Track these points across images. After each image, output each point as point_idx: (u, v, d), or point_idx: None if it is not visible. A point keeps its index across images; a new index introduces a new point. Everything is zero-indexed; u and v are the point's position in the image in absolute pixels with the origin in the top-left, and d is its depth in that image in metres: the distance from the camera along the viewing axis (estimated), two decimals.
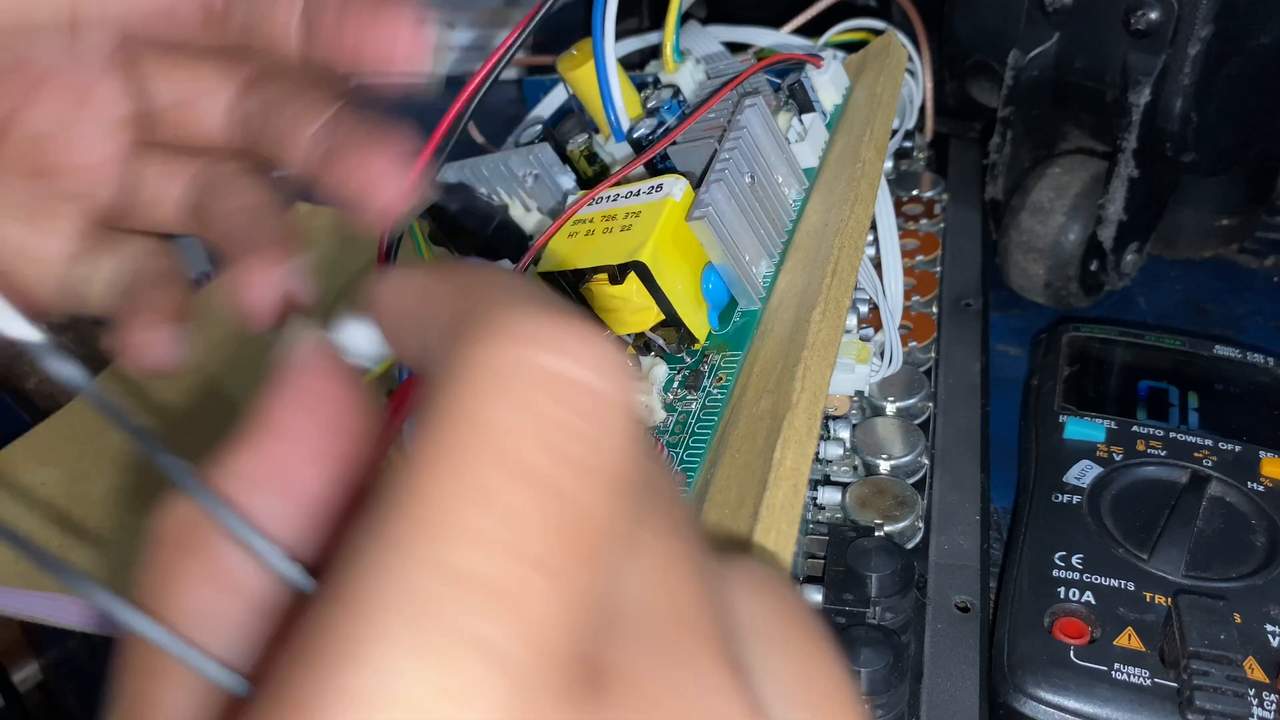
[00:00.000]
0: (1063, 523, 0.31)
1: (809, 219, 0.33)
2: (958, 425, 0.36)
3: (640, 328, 0.31)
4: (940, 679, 0.28)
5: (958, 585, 0.30)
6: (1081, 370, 0.38)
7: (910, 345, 0.38)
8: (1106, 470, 0.33)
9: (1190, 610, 0.28)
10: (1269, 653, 0.27)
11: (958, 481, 0.33)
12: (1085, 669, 0.27)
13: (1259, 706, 0.26)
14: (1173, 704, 0.26)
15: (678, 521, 0.14)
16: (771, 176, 0.33)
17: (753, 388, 0.28)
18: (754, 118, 0.32)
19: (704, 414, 0.29)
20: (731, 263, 0.30)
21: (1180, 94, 0.38)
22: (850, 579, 0.29)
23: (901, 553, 0.30)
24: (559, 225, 0.32)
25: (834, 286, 0.29)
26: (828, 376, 0.27)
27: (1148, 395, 0.36)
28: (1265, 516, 0.31)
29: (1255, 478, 0.32)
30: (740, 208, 0.31)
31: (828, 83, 0.37)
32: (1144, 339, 0.39)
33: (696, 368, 0.31)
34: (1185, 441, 0.34)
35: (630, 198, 0.31)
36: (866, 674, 0.27)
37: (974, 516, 0.32)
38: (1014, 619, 0.29)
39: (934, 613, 0.30)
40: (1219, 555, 0.30)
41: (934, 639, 0.29)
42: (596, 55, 0.35)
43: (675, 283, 0.30)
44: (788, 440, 0.25)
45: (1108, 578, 0.29)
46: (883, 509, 0.32)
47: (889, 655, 0.27)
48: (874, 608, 0.29)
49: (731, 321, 0.32)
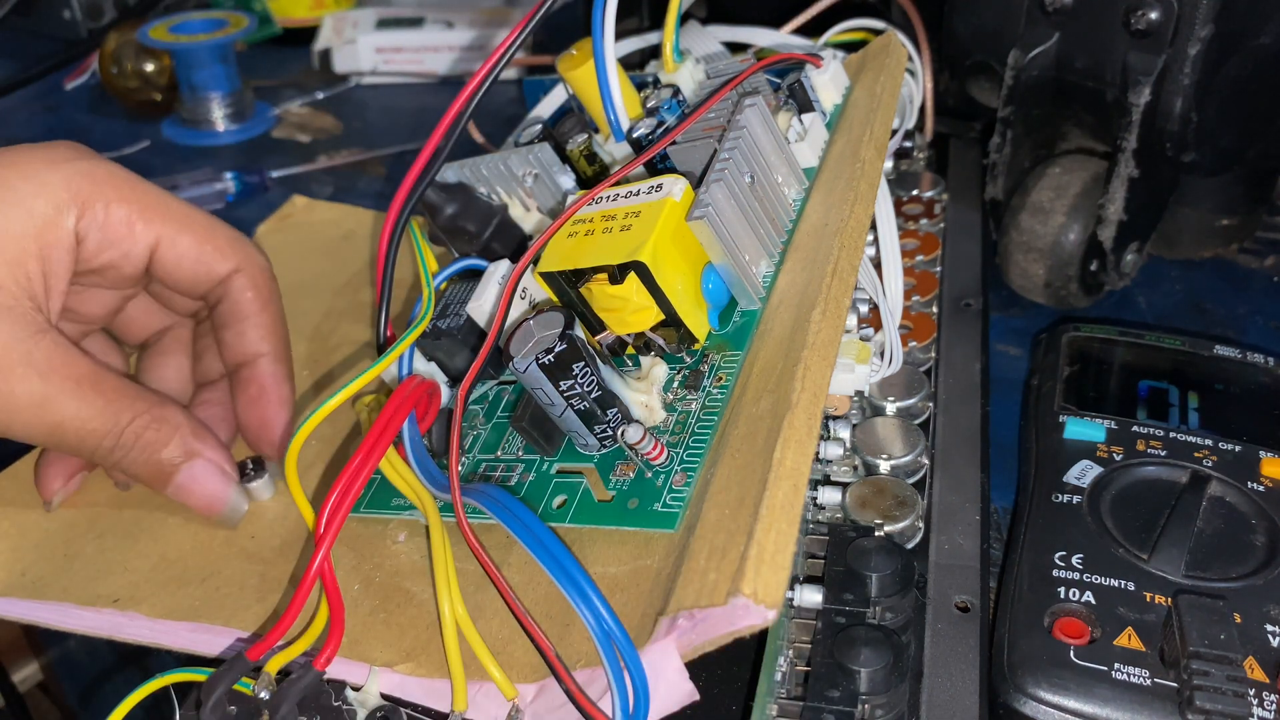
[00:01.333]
0: (1063, 523, 0.31)
1: (809, 219, 0.33)
2: (958, 425, 0.36)
3: (640, 327, 0.31)
4: (940, 679, 0.28)
5: (958, 585, 0.30)
6: (1081, 370, 0.38)
7: (910, 345, 0.38)
8: (1107, 470, 0.33)
9: (1190, 610, 0.27)
10: (1269, 653, 0.27)
11: (958, 482, 0.33)
12: (1085, 669, 0.27)
13: (1259, 706, 0.26)
14: (1173, 704, 0.26)
15: None
16: (771, 176, 0.33)
17: (752, 388, 0.28)
18: (754, 117, 0.32)
19: (704, 414, 0.29)
20: (731, 263, 0.30)
21: (1180, 94, 0.38)
22: (850, 579, 0.29)
23: (901, 553, 0.30)
24: (559, 225, 0.32)
25: (834, 286, 0.29)
26: (828, 376, 0.27)
27: (1148, 395, 0.36)
28: (1265, 516, 0.31)
29: (1255, 478, 0.32)
30: (740, 207, 0.31)
31: (828, 82, 0.37)
32: (1144, 339, 0.39)
33: (696, 367, 0.31)
34: (1185, 441, 0.34)
35: (630, 198, 0.31)
36: (866, 674, 0.27)
37: (974, 517, 0.32)
38: (1014, 619, 0.29)
39: (934, 613, 0.30)
40: (1219, 555, 0.30)
41: (934, 639, 0.29)
42: (596, 55, 0.35)
43: (675, 282, 0.30)
44: (788, 440, 0.25)
45: (1108, 578, 0.29)
46: (883, 509, 0.32)
47: (889, 655, 0.27)
48: (874, 608, 0.29)
49: (731, 321, 0.32)
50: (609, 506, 0.29)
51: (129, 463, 0.31)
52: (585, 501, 0.29)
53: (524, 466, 0.31)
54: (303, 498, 0.29)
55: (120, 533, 0.34)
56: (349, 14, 0.74)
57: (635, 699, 0.23)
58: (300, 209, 0.54)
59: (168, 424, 0.32)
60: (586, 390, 0.28)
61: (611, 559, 0.28)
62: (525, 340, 0.29)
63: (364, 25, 0.72)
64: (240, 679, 0.26)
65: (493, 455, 0.32)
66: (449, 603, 0.26)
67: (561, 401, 0.29)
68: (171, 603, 0.31)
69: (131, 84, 0.67)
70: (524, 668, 0.26)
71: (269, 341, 0.34)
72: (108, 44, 0.67)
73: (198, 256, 0.33)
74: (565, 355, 0.28)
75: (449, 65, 0.69)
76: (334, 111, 0.68)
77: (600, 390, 0.29)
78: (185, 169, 0.59)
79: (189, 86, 0.65)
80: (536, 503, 0.30)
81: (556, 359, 0.28)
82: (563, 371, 0.28)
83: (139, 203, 0.32)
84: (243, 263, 0.34)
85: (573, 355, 0.28)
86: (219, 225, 0.34)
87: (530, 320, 0.29)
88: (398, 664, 0.27)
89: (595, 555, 0.28)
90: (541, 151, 0.37)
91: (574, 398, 0.29)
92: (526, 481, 0.31)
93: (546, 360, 0.28)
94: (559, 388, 0.28)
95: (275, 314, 0.35)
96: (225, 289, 0.34)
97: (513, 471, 0.31)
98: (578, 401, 0.29)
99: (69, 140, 0.32)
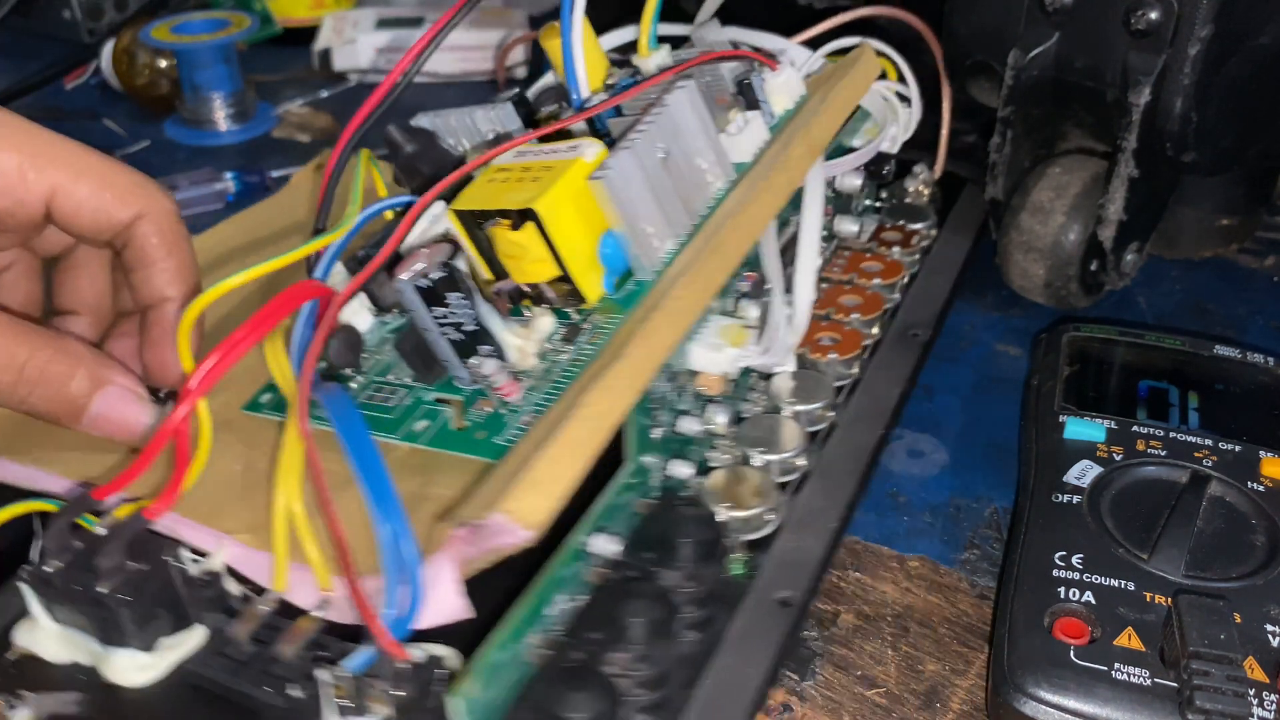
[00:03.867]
0: (1063, 522, 0.31)
1: (724, 207, 0.34)
2: (852, 440, 0.35)
3: (537, 278, 0.31)
4: (731, 658, 0.28)
5: (788, 581, 0.30)
6: (1081, 370, 0.38)
7: (831, 357, 0.38)
8: (1106, 470, 0.33)
9: (1190, 610, 0.27)
10: (1269, 653, 0.27)
11: (829, 490, 0.33)
12: (1085, 669, 0.27)
13: (1259, 706, 0.26)
14: (1173, 704, 0.26)
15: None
16: (692, 160, 0.33)
17: (612, 347, 0.29)
18: (681, 98, 0.32)
19: (571, 365, 0.30)
20: (629, 230, 0.31)
21: (1180, 94, 0.38)
22: (657, 542, 0.29)
23: (712, 526, 0.30)
24: (470, 166, 0.33)
25: (710, 260, 0.30)
26: (671, 342, 0.29)
27: (1148, 395, 0.36)
28: (1265, 516, 0.31)
29: (1255, 478, 0.32)
30: (647, 179, 0.31)
31: (781, 86, 0.37)
32: (1144, 339, 0.39)
33: (579, 325, 0.32)
34: (1185, 441, 0.34)
35: (550, 154, 0.32)
36: (632, 625, 0.27)
37: (832, 524, 0.32)
38: (1014, 619, 0.29)
39: (754, 600, 0.30)
40: (1219, 555, 0.30)
41: (743, 621, 0.29)
42: (563, 27, 0.36)
43: (571, 239, 0.31)
44: (605, 386, 0.26)
45: (1108, 577, 0.29)
46: (735, 495, 0.32)
47: (657, 613, 0.27)
48: (672, 572, 0.29)
49: (625, 290, 0.32)
50: (460, 435, 0.30)
51: (36, 399, 0.31)
52: (443, 429, 0.31)
53: (407, 392, 0.33)
54: (191, 364, 0.29)
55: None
56: (349, 14, 0.74)
57: (410, 605, 0.24)
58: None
59: (69, 355, 0.31)
60: (461, 322, 0.30)
61: (448, 483, 0.29)
62: (412, 264, 0.30)
63: (364, 25, 0.72)
64: (84, 515, 0.27)
65: (385, 378, 0.33)
66: (284, 494, 0.27)
67: (435, 327, 0.30)
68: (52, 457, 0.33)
69: (142, 80, 0.67)
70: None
71: (175, 286, 0.34)
72: (121, 39, 0.67)
73: (97, 205, 0.32)
74: (443, 282, 0.30)
75: (449, 65, 0.69)
76: (334, 111, 0.68)
77: (476, 325, 0.30)
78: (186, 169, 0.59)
79: (191, 86, 0.65)
80: (406, 423, 0.32)
81: (434, 284, 0.29)
82: (437, 299, 0.30)
83: (29, 149, 0.31)
84: (146, 208, 0.33)
85: (450, 285, 0.30)
86: (120, 170, 0.33)
87: (425, 248, 0.31)
88: (239, 533, 0.29)
89: (437, 478, 0.30)
90: (504, 110, 0.38)
91: (448, 327, 0.30)
92: (404, 404, 0.32)
93: (423, 283, 0.30)
94: (434, 313, 0.30)
95: (182, 258, 0.34)
96: (129, 235, 0.33)
97: (395, 394, 0.33)
98: (451, 331, 0.30)
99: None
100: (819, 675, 0.30)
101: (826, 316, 0.40)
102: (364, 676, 0.24)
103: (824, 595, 0.33)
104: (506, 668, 0.25)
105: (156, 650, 0.27)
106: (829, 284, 0.41)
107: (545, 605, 0.27)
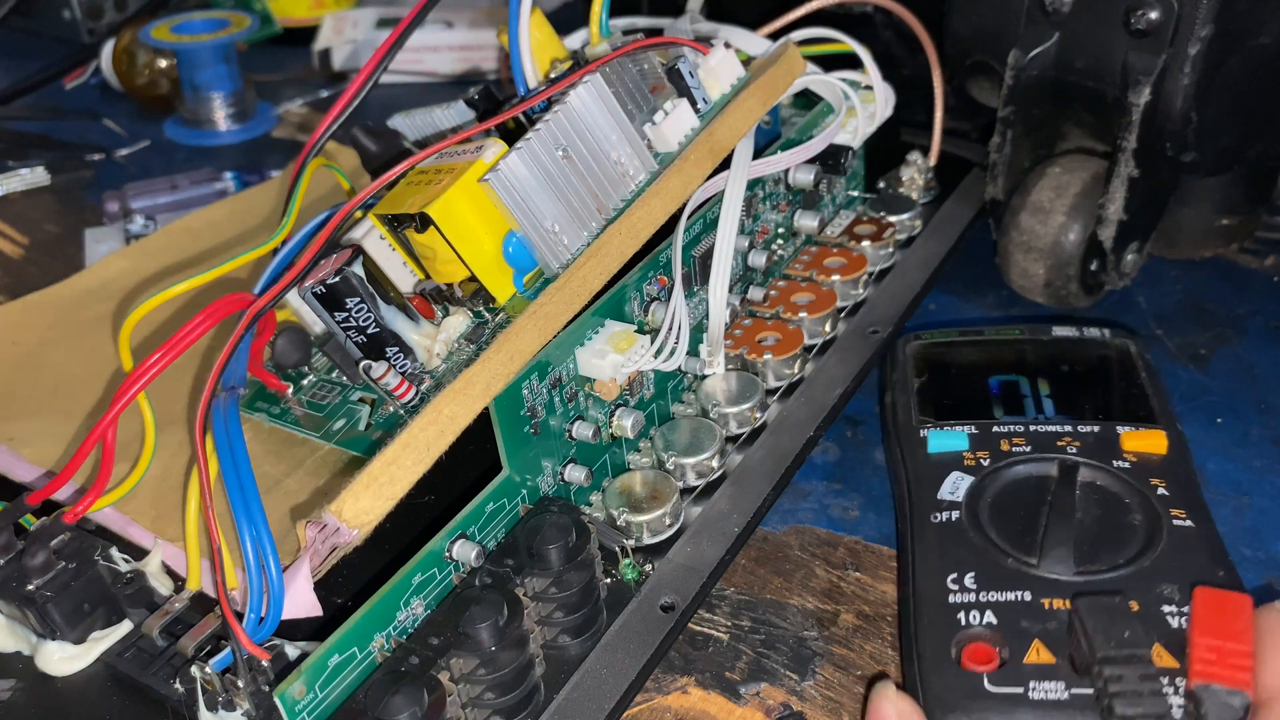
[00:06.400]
0: (948, 542, 0.30)
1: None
2: (777, 445, 0.35)
3: (451, 278, 0.32)
4: (602, 662, 0.28)
5: (675, 586, 0.30)
6: (931, 379, 0.37)
7: (766, 357, 0.37)
8: (978, 479, 0.32)
9: (1091, 614, 0.27)
10: (1171, 634, 0.27)
11: (740, 496, 0.33)
12: (1002, 696, 0.26)
13: (1176, 694, 0.25)
14: (1093, 712, 0.26)
15: None
16: (601, 154, 0.32)
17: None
18: (582, 94, 0.32)
19: (469, 364, 0.30)
20: (530, 229, 0.31)
21: (1180, 94, 0.38)
22: (521, 546, 0.29)
23: (580, 531, 0.29)
24: (394, 173, 0.33)
25: (586, 267, 0.30)
26: (534, 345, 0.29)
27: (1000, 391, 0.36)
28: (1137, 493, 0.31)
29: (1118, 455, 0.32)
30: (546, 178, 0.31)
31: (713, 70, 0.36)
32: (984, 334, 0.38)
33: (485, 324, 0.32)
34: (1046, 432, 0.33)
35: (457, 156, 0.32)
36: (474, 630, 0.26)
37: (734, 529, 0.32)
38: (921, 657, 0.28)
39: (638, 605, 0.29)
40: (1104, 544, 0.29)
41: (622, 626, 0.29)
42: (510, 19, 0.36)
43: (472, 241, 0.31)
44: (456, 390, 0.27)
45: (1004, 591, 0.29)
46: (633, 499, 0.32)
47: (494, 618, 0.26)
48: (532, 579, 0.28)
49: (535, 288, 0.32)
50: (362, 436, 0.32)
51: None
52: (353, 429, 0.32)
53: (339, 390, 0.34)
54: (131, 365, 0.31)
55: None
56: (349, 14, 0.74)
57: (270, 603, 0.25)
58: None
59: None
60: (363, 325, 0.31)
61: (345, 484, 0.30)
62: (319, 272, 0.31)
63: (364, 25, 0.72)
64: (23, 516, 0.30)
65: (329, 377, 0.35)
66: (195, 495, 0.28)
67: (340, 331, 0.31)
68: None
69: (142, 80, 0.67)
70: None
71: None
72: (121, 39, 0.67)
73: None
74: (338, 288, 0.30)
75: (449, 65, 0.69)
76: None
77: (379, 328, 0.31)
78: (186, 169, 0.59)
79: (191, 86, 0.65)
80: (332, 420, 0.33)
81: (328, 290, 0.30)
82: (336, 304, 0.30)
83: None
84: None
85: (346, 290, 0.30)
86: None
87: (334, 256, 0.31)
88: (171, 536, 0.31)
89: (337, 480, 0.31)
90: (457, 108, 0.39)
91: (350, 330, 0.31)
92: (333, 403, 0.34)
93: (318, 289, 0.30)
94: (335, 318, 0.31)
95: None
96: None
97: (330, 392, 0.34)
98: (355, 335, 0.31)
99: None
100: (819, 675, 0.30)
101: (775, 315, 0.39)
102: (224, 674, 0.26)
103: (824, 595, 0.33)
104: (342, 669, 0.25)
105: (87, 642, 0.29)
106: (787, 281, 0.41)
107: (394, 609, 0.27)
